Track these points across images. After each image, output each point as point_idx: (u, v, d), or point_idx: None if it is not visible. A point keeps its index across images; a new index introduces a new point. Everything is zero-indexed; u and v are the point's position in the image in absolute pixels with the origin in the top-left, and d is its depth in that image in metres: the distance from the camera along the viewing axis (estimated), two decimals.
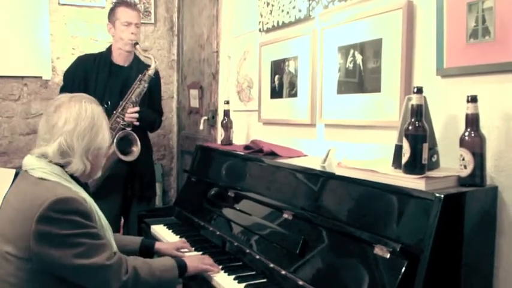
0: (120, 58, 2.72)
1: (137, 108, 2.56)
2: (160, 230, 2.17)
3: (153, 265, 1.48)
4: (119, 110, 2.54)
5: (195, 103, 3.46)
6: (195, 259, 1.63)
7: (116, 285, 1.34)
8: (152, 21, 3.80)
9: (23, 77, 3.42)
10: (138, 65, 2.75)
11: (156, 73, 2.75)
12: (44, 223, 1.28)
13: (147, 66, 2.70)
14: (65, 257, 1.28)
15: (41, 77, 3.46)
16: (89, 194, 1.49)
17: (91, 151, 1.44)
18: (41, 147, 1.42)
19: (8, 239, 1.32)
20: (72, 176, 1.44)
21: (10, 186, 1.81)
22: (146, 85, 2.59)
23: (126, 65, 2.72)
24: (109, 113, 2.60)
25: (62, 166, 1.41)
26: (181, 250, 1.81)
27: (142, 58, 2.79)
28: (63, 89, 2.79)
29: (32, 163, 1.41)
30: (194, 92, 3.45)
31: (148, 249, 1.77)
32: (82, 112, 1.43)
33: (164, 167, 3.96)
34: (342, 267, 1.31)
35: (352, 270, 1.28)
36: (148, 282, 1.43)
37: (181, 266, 1.54)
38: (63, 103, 1.45)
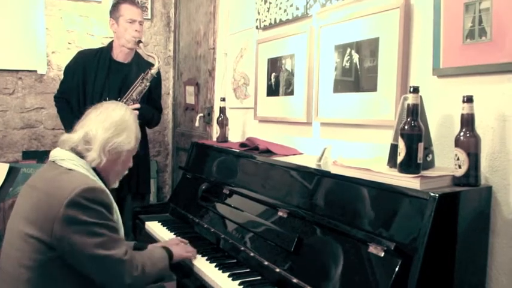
0: (121, 55, 2.71)
1: (138, 105, 2.56)
2: (154, 227, 2.17)
3: (153, 259, 1.53)
4: None
5: (191, 100, 3.45)
6: (179, 248, 1.68)
7: (129, 281, 1.39)
8: (149, 16, 3.78)
9: (17, 71, 3.39)
10: (138, 62, 2.74)
11: (159, 73, 2.75)
12: (72, 208, 1.32)
13: (148, 64, 2.69)
14: (85, 245, 1.32)
15: (36, 71, 3.44)
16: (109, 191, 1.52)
17: (110, 145, 1.49)
18: (70, 134, 1.52)
19: (31, 221, 1.36)
20: (97, 173, 1.50)
21: (4, 180, 1.84)
22: (148, 84, 2.59)
23: (126, 62, 2.71)
24: None
25: (82, 157, 1.48)
26: None
27: (144, 56, 2.78)
28: (63, 84, 2.79)
29: (62, 154, 1.48)
30: (190, 89, 3.45)
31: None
32: (116, 111, 1.56)
33: (159, 163, 3.96)
34: (336, 265, 1.31)
35: (346, 268, 1.28)
36: (151, 276, 1.49)
37: (169, 254, 1.60)
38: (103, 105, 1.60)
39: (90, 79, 2.65)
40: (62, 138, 1.52)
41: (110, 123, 1.51)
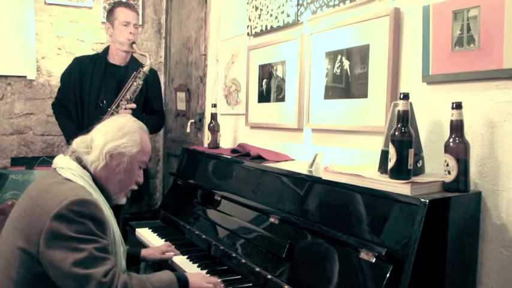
0: (117, 58, 2.73)
1: (134, 105, 2.57)
2: (145, 233, 2.15)
3: (147, 282, 1.34)
4: (113, 107, 2.56)
5: (182, 106, 3.44)
6: (198, 276, 1.50)
7: None
8: (140, 22, 3.77)
9: (7, 77, 3.36)
10: (134, 65, 2.76)
11: (154, 72, 2.77)
12: (57, 221, 1.24)
13: (142, 65, 2.72)
14: (64, 261, 1.23)
15: (25, 77, 3.41)
16: (111, 207, 1.45)
17: (109, 147, 1.42)
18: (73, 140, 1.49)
19: (19, 230, 1.31)
20: (99, 187, 1.42)
21: None
22: (141, 82, 2.61)
23: (122, 65, 2.73)
24: (104, 111, 2.61)
25: (83, 164, 1.42)
26: (167, 254, 1.79)
27: (138, 57, 2.81)
28: (60, 90, 2.81)
29: (62, 162, 1.42)
30: (181, 95, 3.44)
31: (134, 258, 1.75)
32: (118, 119, 1.52)
33: (150, 169, 3.93)
34: (327, 272, 1.31)
35: (338, 274, 1.28)
36: None
37: (182, 280, 1.41)
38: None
39: (87, 82, 2.67)
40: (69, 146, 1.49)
41: (112, 127, 1.46)
